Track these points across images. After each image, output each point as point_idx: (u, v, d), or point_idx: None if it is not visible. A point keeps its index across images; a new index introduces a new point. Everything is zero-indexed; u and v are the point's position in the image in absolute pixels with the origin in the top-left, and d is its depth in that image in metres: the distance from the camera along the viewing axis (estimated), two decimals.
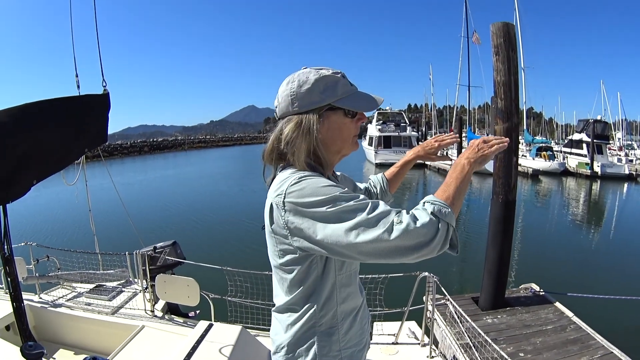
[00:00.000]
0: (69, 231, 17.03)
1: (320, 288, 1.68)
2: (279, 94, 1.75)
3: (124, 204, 6.98)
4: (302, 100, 1.67)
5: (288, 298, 1.72)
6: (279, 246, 1.63)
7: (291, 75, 1.74)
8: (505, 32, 6.63)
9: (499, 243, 6.95)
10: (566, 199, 29.49)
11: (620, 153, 53.45)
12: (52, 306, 5.50)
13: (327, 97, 1.67)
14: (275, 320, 1.85)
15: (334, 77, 1.70)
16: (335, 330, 1.74)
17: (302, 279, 1.66)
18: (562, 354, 5.63)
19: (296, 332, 1.72)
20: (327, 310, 1.71)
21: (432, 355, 4.57)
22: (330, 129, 1.71)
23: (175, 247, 5.62)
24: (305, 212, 1.48)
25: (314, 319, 1.70)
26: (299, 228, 1.50)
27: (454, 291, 9.26)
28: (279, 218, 1.55)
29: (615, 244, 17.16)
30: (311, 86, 1.66)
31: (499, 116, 6.73)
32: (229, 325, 4.31)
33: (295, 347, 1.73)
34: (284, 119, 1.71)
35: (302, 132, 1.65)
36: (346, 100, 1.71)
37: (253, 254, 13.63)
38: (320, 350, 1.71)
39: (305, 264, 1.63)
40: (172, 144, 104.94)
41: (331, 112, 1.70)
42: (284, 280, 1.71)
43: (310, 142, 1.65)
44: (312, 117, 1.66)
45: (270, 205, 1.59)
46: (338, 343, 1.75)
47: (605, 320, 7.77)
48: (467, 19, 50.40)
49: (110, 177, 7.22)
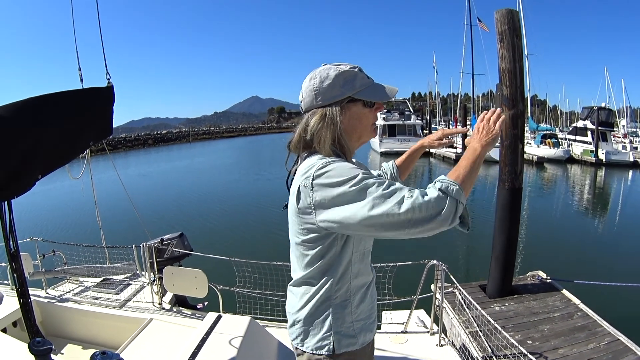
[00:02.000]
0: (74, 225, 17.08)
1: (337, 263, 1.86)
2: (303, 89, 1.95)
3: (130, 197, 6.98)
4: (325, 95, 1.87)
5: (306, 272, 1.91)
6: (304, 225, 1.81)
7: (313, 72, 1.94)
8: (509, 18, 6.59)
9: (506, 230, 6.95)
10: (571, 187, 29.47)
11: (624, 140, 53.35)
12: (59, 301, 5.49)
13: (347, 91, 1.87)
14: (292, 295, 2.06)
15: (351, 72, 1.90)
16: (348, 303, 1.94)
17: (322, 254, 1.84)
18: (570, 341, 5.62)
19: (313, 304, 1.92)
20: (342, 284, 1.91)
21: (441, 344, 4.56)
22: (352, 119, 1.92)
23: (183, 238, 5.61)
24: (331, 191, 1.65)
25: (330, 292, 1.89)
26: (325, 206, 1.68)
27: (462, 279, 9.26)
28: (306, 198, 1.73)
29: (621, 230, 17.14)
30: (332, 81, 1.86)
31: (504, 104, 6.69)
32: (237, 317, 4.29)
33: (312, 319, 1.94)
34: (309, 112, 1.92)
35: (326, 123, 1.86)
36: (364, 92, 1.92)
37: (261, 244, 13.70)
38: (335, 322, 1.91)
39: (327, 241, 1.81)
40: (177, 136, 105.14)
41: (351, 103, 1.90)
42: (305, 256, 1.89)
43: (335, 132, 1.86)
44: (335, 109, 1.86)
45: (298, 187, 1.77)
46: (351, 315, 1.95)
47: (612, 307, 7.79)
48: (470, 7, 50.38)
49: (115, 169, 7.22)
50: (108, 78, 4.65)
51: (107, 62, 4.93)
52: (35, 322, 2.78)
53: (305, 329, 1.96)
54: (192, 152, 67.23)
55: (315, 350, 1.94)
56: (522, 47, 6.79)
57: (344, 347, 1.93)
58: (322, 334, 1.93)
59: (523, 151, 6.87)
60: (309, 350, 1.96)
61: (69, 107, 3.46)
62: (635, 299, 8.65)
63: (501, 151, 6.97)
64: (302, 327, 1.96)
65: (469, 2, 50.22)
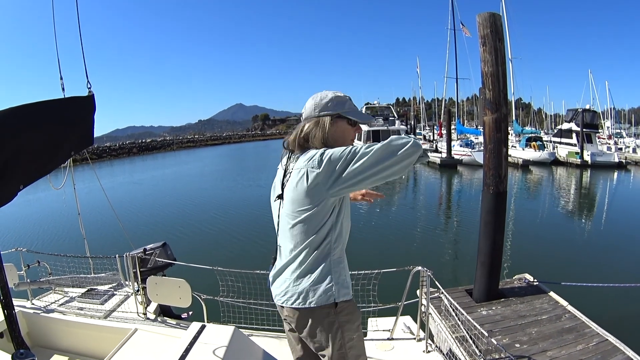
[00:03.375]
0: (58, 235, 16.94)
1: (334, 227, 2.45)
2: (307, 105, 2.61)
3: (113, 207, 6.95)
4: (321, 108, 2.54)
5: (308, 240, 2.43)
6: (315, 198, 2.36)
7: (316, 94, 2.62)
8: (491, 22, 6.59)
9: (491, 234, 6.93)
10: (557, 189, 29.71)
11: (609, 141, 53.94)
12: (45, 312, 5.45)
13: (337, 109, 2.55)
14: (290, 268, 2.54)
15: (344, 98, 2.60)
16: (342, 259, 2.56)
17: (322, 221, 2.41)
18: (558, 343, 5.62)
19: (316, 264, 2.46)
20: (338, 243, 2.50)
21: (428, 350, 4.55)
22: (337, 131, 2.56)
23: (166, 248, 5.59)
24: (335, 159, 2.28)
25: (330, 250, 2.47)
26: (333, 172, 2.28)
27: (448, 284, 9.26)
28: (314, 175, 2.32)
29: (607, 231, 17.25)
30: (328, 100, 2.55)
31: (487, 107, 6.69)
32: (221, 326, 4.27)
33: (316, 277, 2.45)
34: (307, 119, 2.57)
35: (319, 127, 2.50)
36: (350, 113, 2.59)
37: (244, 253, 13.65)
38: (334, 275, 2.47)
39: (325, 210, 2.40)
40: (161, 145, 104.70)
41: (339, 119, 2.56)
42: (308, 226, 2.42)
43: (323, 135, 2.48)
44: (326, 119, 2.52)
45: (305, 171, 2.35)
46: (345, 270, 2.58)
47: (599, 308, 7.80)
48: (453, 12, 50.60)
49: (98, 179, 7.19)
50: (89, 87, 4.61)
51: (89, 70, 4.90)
52: (19, 333, 2.75)
53: (311, 288, 2.44)
54: (176, 161, 66.99)
55: (322, 302, 2.43)
56: (505, 50, 6.79)
57: (342, 296, 2.48)
58: (324, 286, 2.43)
59: (507, 155, 6.87)
60: (315, 305, 2.43)
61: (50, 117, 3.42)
62: (623, 299, 8.74)
63: (485, 155, 6.94)
64: (308, 287, 2.44)
65: (452, 7, 50.49)
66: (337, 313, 2.48)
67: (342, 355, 2.53)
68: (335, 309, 2.47)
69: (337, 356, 2.53)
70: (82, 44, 5.02)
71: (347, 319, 2.53)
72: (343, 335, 2.52)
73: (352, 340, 2.57)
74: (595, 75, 76.63)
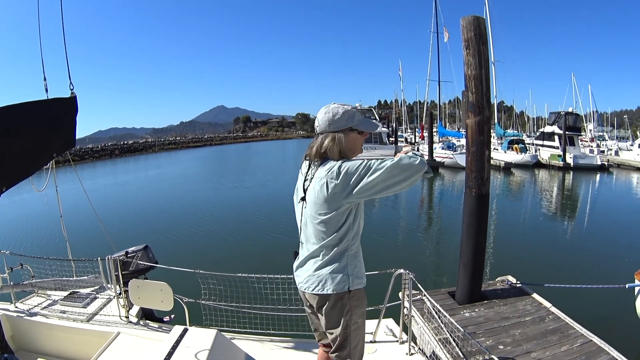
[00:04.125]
0: (41, 238, 16.74)
1: (352, 227, 2.88)
2: (319, 118, 2.96)
3: (95, 209, 6.90)
4: (335, 124, 2.90)
5: (330, 237, 2.85)
6: (334, 205, 2.77)
7: (327, 107, 2.97)
8: (475, 25, 6.62)
9: (474, 236, 6.95)
10: (539, 191, 30.03)
11: (592, 144, 54.65)
12: (28, 315, 5.43)
13: (349, 123, 2.92)
14: (311, 260, 2.99)
15: (353, 111, 2.95)
16: (358, 254, 3.01)
17: (342, 223, 2.84)
18: (542, 344, 5.64)
19: (337, 257, 2.89)
20: (355, 240, 2.95)
21: (411, 352, 4.56)
22: (350, 141, 2.95)
23: (147, 251, 5.56)
24: (351, 173, 2.67)
25: (348, 246, 2.90)
26: (350, 184, 2.68)
27: (430, 286, 9.28)
28: (333, 185, 2.72)
29: (590, 233, 17.43)
30: (340, 116, 2.90)
31: (470, 110, 6.72)
32: (204, 329, 4.27)
33: (336, 267, 2.89)
34: (323, 134, 2.92)
35: (335, 143, 2.88)
36: (360, 125, 2.97)
37: (226, 256, 13.65)
38: (350, 267, 2.92)
39: (345, 214, 2.82)
40: (143, 146, 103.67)
41: (350, 131, 2.94)
42: (328, 227, 2.84)
43: (340, 148, 2.88)
44: (341, 134, 2.89)
45: (325, 181, 2.75)
46: (360, 262, 3.03)
47: (583, 309, 7.86)
48: (436, 15, 50.82)
49: (80, 181, 7.14)
50: (71, 88, 4.59)
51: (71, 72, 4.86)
52: (3, 336, 2.73)
53: (330, 276, 2.88)
54: (158, 162, 66.38)
55: (338, 289, 2.87)
56: (488, 53, 6.81)
57: (355, 285, 2.93)
58: (342, 276, 2.88)
59: (489, 157, 6.90)
60: (332, 291, 2.88)
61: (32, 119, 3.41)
62: (607, 299, 8.79)
63: (467, 158, 6.97)
64: (327, 275, 2.89)
65: (435, 10, 50.70)
66: (350, 298, 2.93)
67: (347, 334, 2.99)
68: (349, 295, 2.92)
69: (342, 335, 2.99)
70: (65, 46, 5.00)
71: (356, 304, 2.98)
72: (351, 318, 2.97)
73: (357, 323, 3.02)
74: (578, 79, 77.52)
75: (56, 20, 4.98)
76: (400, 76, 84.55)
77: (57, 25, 5.00)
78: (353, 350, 3.06)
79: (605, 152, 51.59)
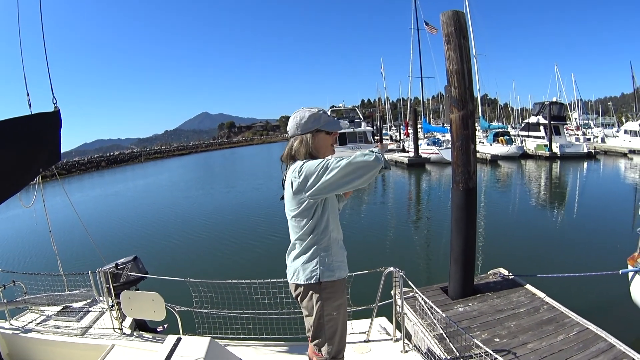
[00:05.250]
0: (31, 254, 16.68)
1: (320, 221, 3.05)
2: (289, 124, 3.20)
3: (83, 222, 6.89)
4: (302, 127, 3.11)
5: (301, 232, 3.07)
6: (298, 201, 2.99)
7: (296, 112, 3.18)
8: (455, 20, 6.64)
9: (463, 231, 6.98)
10: (527, 182, 30.16)
11: (577, 132, 55.07)
12: (23, 332, 5.41)
13: (315, 125, 3.12)
14: (292, 252, 3.21)
15: (318, 113, 3.14)
16: (328, 247, 3.12)
17: (310, 217, 3.03)
18: (538, 335, 5.66)
19: (307, 249, 3.09)
20: (324, 234, 3.08)
21: (405, 350, 4.55)
22: (317, 142, 3.14)
23: (137, 262, 5.55)
24: (310, 172, 2.87)
25: (317, 240, 3.07)
26: (309, 182, 2.87)
27: (423, 283, 9.28)
28: (297, 183, 2.93)
29: (580, 221, 17.50)
30: (307, 119, 3.11)
31: (453, 105, 6.75)
32: (197, 338, 4.25)
33: (306, 259, 3.09)
34: (293, 137, 3.16)
35: (303, 144, 3.09)
36: (326, 125, 3.15)
37: (216, 263, 13.63)
38: (320, 260, 3.08)
39: (312, 209, 3.01)
40: (129, 157, 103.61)
41: (318, 132, 3.13)
42: (300, 222, 3.06)
43: (307, 149, 3.08)
44: (308, 136, 3.10)
45: (291, 180, 2.97)
46: (330, 256, 3.12)
47: (577, 298, 7.91)
48: (416, 11, 50.95)
49: (67, 195, 7.11)
50: (54, 102, 4.57)
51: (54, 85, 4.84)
52: (0, 355, 2.73)
53: (302, 267, 3.09)
54: (144, 172, 66.16)
55: (308, 279, 3.07)
56: (469, 47, 6.84)
57: (325, 277, 3.07)
58: (311, 267, 3.07)
59: (475, 151, 6.93)
60: (303, 281, 3.08)
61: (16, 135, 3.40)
62: (600, 287, 8.82)
63: (453, 152, 7.00)
64: (300, 266, 3.11)
65: (415, 6, 50.81)
66: (321, 290, 3.09)
67: (321, 325, 3.16)
68: (320, 286, 3.09)
69: (316, 324, 3.17)
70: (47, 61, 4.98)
71: (328, 296, 3.12)
72: (323, 309, 3.11)
73: (331, 315, 3.16)
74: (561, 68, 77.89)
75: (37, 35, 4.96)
76: (383, 74, 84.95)
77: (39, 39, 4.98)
78: (329, 340, 3.22)
79: (592, 140, 51.84)
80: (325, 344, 3.23)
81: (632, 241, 7.52)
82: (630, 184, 27.23)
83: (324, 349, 3.25)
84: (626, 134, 45.67)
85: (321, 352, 3.26)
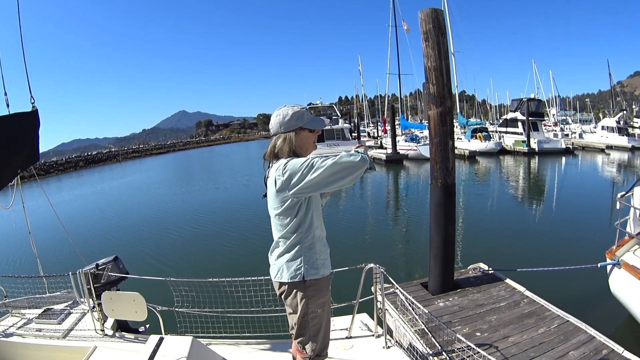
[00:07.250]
0: (11, 256, 16.40)
1: (304, 219, 3.06)
2: (272, 121, 3.17)
3: (62, 223, 6.84)
4: (285, 125, 3.08)
5: (285, 230, 3.07)
6: (282, 200, 2.98)
7: (278, 110, 3.15)
8: (434, 17, 6.68)
9: (442, 227, 7.01)
10: (506, 177, 30.42)
11: (555, 128, 55.51)
12: (4, 336, 5.33)
13: (298, 123, 3.09)
14: (275, 250, 3.21)
15: (301, 111, 3.12)
16: (313, 246, 3.13)
17: (294, 215, 3.02)
18: (519, 328, 5.72)
19: (291, 248, 3.09)
20: (309, 232, 3.09)
21: (387, 345, 4.56)
22: (301, 139, 3.13)
23: (117, 262, 5.49)
24: (295, 171, 2.85)
25: (301, 238, 3.08)
26: (292, 181, 2.86)
27: (403, 278, 9.33)
28: (280, 182, 2.90)
29: (559, 215, 17.70)
30: (290, 117, 3.08)
31: (431, 101, 6.79)
32: (179, 337, 4.24)
33: (290, 257, 3.10)
34: (276, 135, 3.13)
35: (286, 142, 3.07)
36: (309, 123, 3.13)
37: (196, 262, 13.55)
38: (304, 258, 3.09)
39: (296, 207, 3.01)
40: (107, 157, 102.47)
41: (301, 130, 3.12)
42: (283, 220, 3.06)
43: (291, 147, 3.07)
44: (291, 134, 3.08)
45: (274, 178, 2.95)
46: (315, 254, 3.14)
47: (557, 291, 8.00)
48: (394, 8, 51.01)
49: (46, 196, 7.08)
50: (32, 102, 4.55)
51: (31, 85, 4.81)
52: None
53: (286, 265, 3.10)
54: (123, 172, 65.38)
55: (293, 277, 3.08)
56: (447, 44, 6.89)
57: (310, 275, 3.09)
58: (296, 266, 3.08)
59: (453, 147, 6.99)
60: (288, 279, 3.10)
61: None
62: (580, 280, 8.96)
63: (431, 149, 7.04)
64: (284, 265, 3.11)
65: (393, 4, 50.90)
66: (306, 288, 3.12)
67: (305, 322, 3.18)
68: (304, 284, 3.11)
69: (300, 322, 3.19)
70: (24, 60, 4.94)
71: (313, 294, 3.15)
72: (307, 307, 3.14)
73: (315, 313, 3.19)
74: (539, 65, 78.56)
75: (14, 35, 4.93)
76: (360, 71, 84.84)
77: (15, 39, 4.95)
78: (313, 337, 3.25)
79: (570, 136, 52.51)
80: (310, 341, 3.25)
81: (610, 235, 7.61)
82: (607, 178, 27.71)
83: (307, 347, 3.26)
84: (603, 130, 46.46)
85: (305, 349, 3.27)
